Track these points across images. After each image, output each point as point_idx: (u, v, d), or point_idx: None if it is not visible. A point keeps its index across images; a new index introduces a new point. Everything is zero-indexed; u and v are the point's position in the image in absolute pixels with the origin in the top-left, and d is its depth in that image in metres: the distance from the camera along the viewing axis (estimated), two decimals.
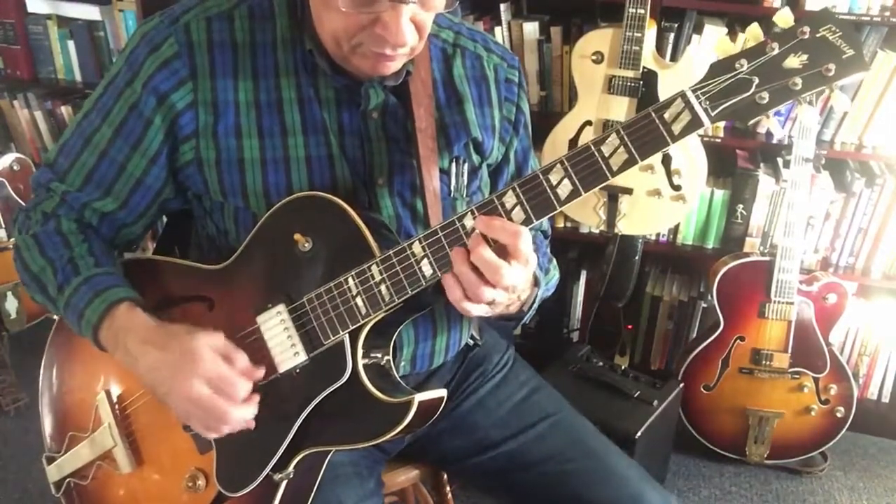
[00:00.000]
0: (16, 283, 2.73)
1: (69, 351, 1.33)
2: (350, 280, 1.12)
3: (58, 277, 1.19)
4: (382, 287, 1.11)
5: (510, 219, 1.07)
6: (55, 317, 1.35)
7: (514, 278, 1.07)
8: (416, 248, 1.10)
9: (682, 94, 1.01)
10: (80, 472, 1.31)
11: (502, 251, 1.06)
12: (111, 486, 1.29)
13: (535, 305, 1.29)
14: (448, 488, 1.65)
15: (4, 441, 2.58)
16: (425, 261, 1.09)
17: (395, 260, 1.11)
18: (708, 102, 1.01)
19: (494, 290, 1.07)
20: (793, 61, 1.01)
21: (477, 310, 1.10)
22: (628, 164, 1.03)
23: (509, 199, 1.06)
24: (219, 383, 1.08)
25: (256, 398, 1.13)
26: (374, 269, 1.11)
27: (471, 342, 1.50)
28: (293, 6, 1.21)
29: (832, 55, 1.00)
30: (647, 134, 1.02)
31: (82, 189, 1.24)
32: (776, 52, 1.01)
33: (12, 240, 2.66)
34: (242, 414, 1.11)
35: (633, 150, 1.03)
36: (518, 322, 1.33)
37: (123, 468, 1.26)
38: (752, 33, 1.04)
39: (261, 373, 1.14)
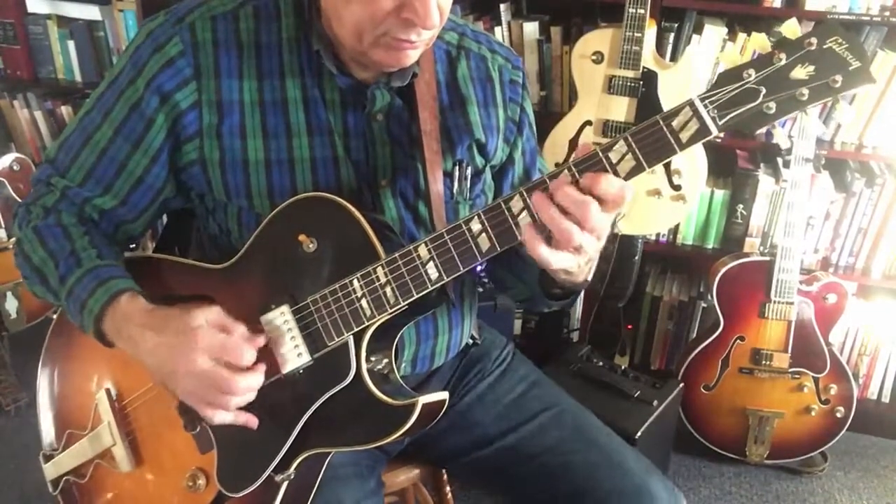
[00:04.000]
0: (16, 282, 2.73)
1: (68, 349, 1.33)
2: (355, 282, 1.12)
3: (60, 268, 1.19)
4: (388, 289, 1.11)
5: (516, 224, 1.06)
6: (55, 316, 1.35)
7: (601, 220, 1.02)
8: (422, 250, 1.10)
9: (691, 103, 1.01)
10: (78, 470, 1.30)
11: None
12: (110, 484, 1.29)
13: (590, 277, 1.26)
14: (448, 488, 1.65)
15: (4, 441, 2.58)
16: (431, 264, 1.09)
17: (400, 262, 1.10)
18: (716, 111, 1.01)
19: (582, 234, 1.02)
20: (800, 72, 1.01)
21: (561, 259, 1.05)
22: (636, 170, 1.03)
23: (516, 204, 1.06)
24: (221, 352, 1.08)
25: (262, 367, 1.12)
26: (380, 271, 1.11)
27: (470, 342, 1.50)
28: (300, 6, 1.21)
29: (839, 67, 1.00)
30: (656, 142, 1.02)
31: (83, 185, 1.24)
32: (783, 62, 1.01)
33: (13, 240, 2.66)
34: (248, 382, 1.10)
35: (640, 157, 1.02)
36: (575, 296, 1.29)
37: (123, 467, 1.26)
38: (759, 43, 1.04)
39: (262, 339, 1.14)
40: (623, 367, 2.35)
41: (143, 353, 1.12)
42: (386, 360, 1.20)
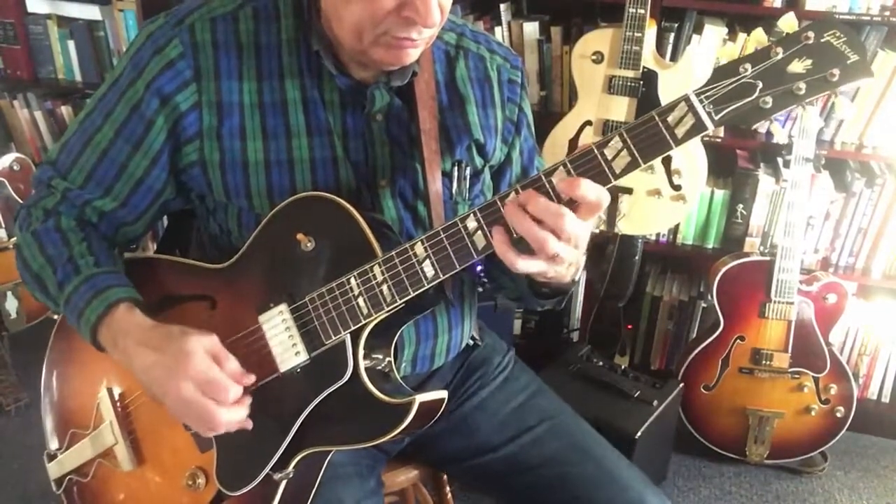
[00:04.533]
0: (16, 282, 2.73)
1: (71, 349, 1.33)
2: (352, 280, 1.12)
3: (58, 275, 1.19)
4: (384, 287, 1.11)
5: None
6: (56, 316, 1.35)
7: (577, 228, 1.02)
8: (419, 248, 1.10)
9: (686, 98, 1.01)
10: (81, 470, 1.31)
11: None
12: (112, 483, 1.29)
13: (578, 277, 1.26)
14: (448, 488, 1.65)
15: (5, 441, 2.59)
16: (427, 261, 1.09)
17: (397, 260, 1.10)
18: (711, 106, 1.01)
19: (559, 242, 1.02)
20: (797, 66, 1.00)
21: (534, 266, 1.05)
22: (631, 167, 1.03)
23: None
24: (206, 386, 1.08)
25: (247, 401, 1.13)
26: (376, 269, 1.11)
27: (471, 343, 1.50)
28: (299, 7, 1.21)
29: (837, 60, 0.99)
30: (651, 137, 1.02)
31: (84, 187, 1.24)
32: (780, 56, 1.00)
33: (13, 240, 2.67)
34: (231, 416, 1.10)
35: (635, 153, 1.02)
36: (564, 296, 1.29)
37: (124, 466, 1.26)
38: (757, 38, 1.04)
39: (251, 378, 1.14)
40: (623, 367, 2.35)
41: (136, 369, 1.13)
42: (387, 360, 1.20)
